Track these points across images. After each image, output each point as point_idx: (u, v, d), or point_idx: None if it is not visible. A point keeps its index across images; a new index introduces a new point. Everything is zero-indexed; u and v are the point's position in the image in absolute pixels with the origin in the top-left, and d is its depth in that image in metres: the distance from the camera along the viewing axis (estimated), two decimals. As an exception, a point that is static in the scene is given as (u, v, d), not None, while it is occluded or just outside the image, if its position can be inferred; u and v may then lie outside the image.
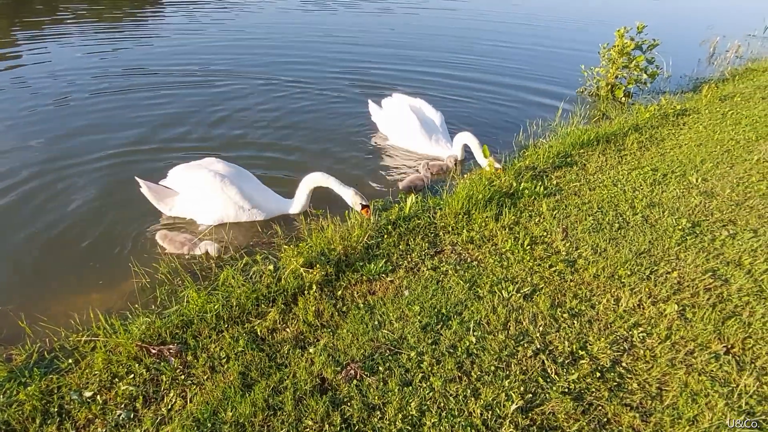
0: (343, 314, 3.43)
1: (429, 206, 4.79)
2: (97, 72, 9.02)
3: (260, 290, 3.56)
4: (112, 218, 4.84)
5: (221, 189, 4.71)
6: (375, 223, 4.45)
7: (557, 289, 3.65)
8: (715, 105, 7.86)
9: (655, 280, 3.73)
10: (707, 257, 4.00)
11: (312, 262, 3.84)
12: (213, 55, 10.39)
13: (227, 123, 7.19)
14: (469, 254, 4.10)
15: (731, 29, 13.53)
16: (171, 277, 3.90)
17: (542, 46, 12.32)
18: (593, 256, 4.01)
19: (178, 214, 4.91)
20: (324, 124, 7.34)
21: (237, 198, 4.77)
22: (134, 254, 4.25)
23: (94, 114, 7.22)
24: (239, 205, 4.82)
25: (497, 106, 8.32)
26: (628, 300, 3.51)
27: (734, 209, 4.72)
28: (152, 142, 6.48)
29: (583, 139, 6.33)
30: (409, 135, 6.64)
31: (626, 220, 4.55)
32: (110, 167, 5.81)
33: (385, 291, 3.66)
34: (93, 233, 4.62)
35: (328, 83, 8.95)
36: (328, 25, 14.13)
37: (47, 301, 3.83)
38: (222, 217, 4.86)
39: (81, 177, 5.54)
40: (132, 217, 4.87)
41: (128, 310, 3.53)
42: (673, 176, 5.39)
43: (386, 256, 4.06)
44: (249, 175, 5.04)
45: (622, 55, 8.46)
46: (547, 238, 4.30)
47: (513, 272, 3.84)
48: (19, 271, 4.18)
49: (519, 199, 4.95)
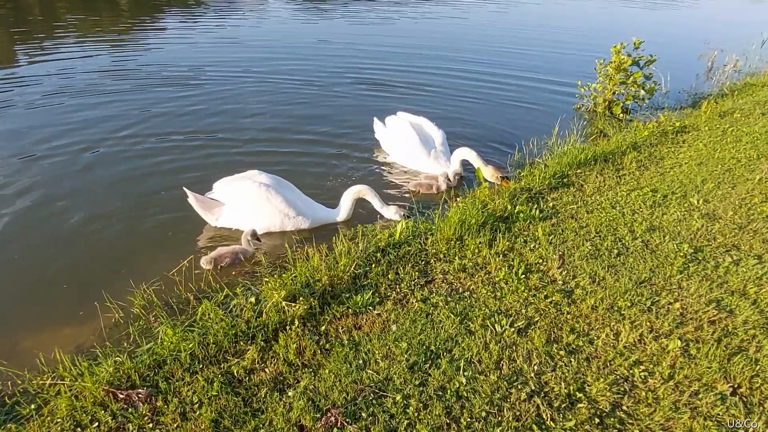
0: (326, 352, 3.24)
1: (420, 231, 4.62)
2: (110, 75, 8.94)
3: (239, 326, 3.37)
4: (87, 247, 4.66)
5: (267, 198, 4.88)
6: (364, 250, 4.27)
7: (553, 323, 3.46)
8: (714, 121, 7.71)
9: (657, 312, 3.54)
10: (711, 286, 3.80)
11: (295, 294, 3.65)
12: (220, 66, 10.34)
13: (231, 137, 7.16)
14: (461, 284, 3.91)
15: (728, 43, 13.43)
16: (146, 311, 3.71)
17: (537, 61, 12.19)
18: (591, 286, 3.83)
19: (224, 224, 5.05)
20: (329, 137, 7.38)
21: (282, 206, 4.94)
22: (108, 286, 4.03)
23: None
24: (285, 214, 4.98)
25: (491, 123, 8.17)
26: (628, 334, 3.31)
27: (737, 233, 4.53)
28: (167, 161, 6.45)
29: (580, 159, 6.16)
30: (408, 152, 6.56)
31: (626, 245, 4.37)
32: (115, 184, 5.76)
33: (372, 325, 3.47)
34: (67, 261, 4.44)
35: (338, 93, 9.00)
36: (340, 35, 14.09)
37: (16, 336, 3.64)
38: (269, 225, 5.00)
39: (76, 197, 5.42)
40: (108, 252, 4.68)
41: (100, 347, 3.33)
42: (674, 197, 5.22)
43: (374, 286, 3.88)
44: (291, 186, 5.22)
45: (619, 71, 8.33)
46: (542, 265, 4.12)
47: (507, 304, 3.65)
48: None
49: (514, 223, 4.77)
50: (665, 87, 9.64)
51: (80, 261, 4.49)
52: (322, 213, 5.26)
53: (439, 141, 6.61)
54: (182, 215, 5.16)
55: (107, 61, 11.17)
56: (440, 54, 12.65)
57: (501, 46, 13.95)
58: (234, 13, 18.33)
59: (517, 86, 10.20)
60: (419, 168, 6.54)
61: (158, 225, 5.07)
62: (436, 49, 13.32)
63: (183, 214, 5.14)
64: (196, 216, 5.03)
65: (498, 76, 10.84)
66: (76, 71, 10.12)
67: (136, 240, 4.82)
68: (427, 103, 8.90)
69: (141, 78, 9.85)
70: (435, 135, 6.65)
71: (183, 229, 5.03)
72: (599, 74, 8.67)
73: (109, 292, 3.84)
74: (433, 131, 6.69)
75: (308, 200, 5.26)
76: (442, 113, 8.26)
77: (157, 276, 4.19)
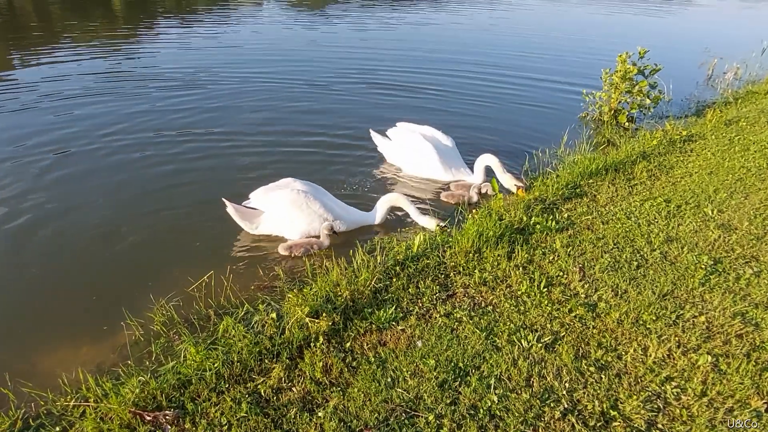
0: (353, 370, 3.20)
1: (438, 244, 4.59)
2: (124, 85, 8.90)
3: (263, 343, 3.32)
4: (106, 260, 4.62)
5: (306, 204, 5.06)
6: (382, 263, 4.24)
7: (580, 338, 3.43)
8: (720, 130, 7.75)
9: (683, 325, 3.52)
10: (734, 299, 3.79)
11: (318, 310, 3.61)
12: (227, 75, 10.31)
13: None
14: (482, 298, 3.88)
15: (728, 50, 13.55)
16: (167, 328, 3.66)
17: (538, 71, 12.18)
18: (614, 299, 3.80)
19: (264, 231, 5.23)
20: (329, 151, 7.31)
21: (321, 211, 5.11)
22: (127, 302, 3.98)
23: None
24: (324, 218, 5.13)
25: (497, 131, 8.17)
26: (656, 349, 3.29)
27: (755, 244, 4.53)
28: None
29: (591, 169, 6.16)
30: (427, 164, 6.59)
31: (644, 257, 4.36)
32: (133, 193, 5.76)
33: (397, 342, 3.43)
34: (84, 275, 4.38)
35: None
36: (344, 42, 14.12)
37: (34, 355, 3.58)
38: (309, 230, 5.14)
39: (93, 207, 5.41)
40: (126, 265, 4.63)
41: (121, 367, 3.27)
42: (688, 208, 5.22)
43: (395, 301, 3.84)
44: (325, 191, 5.41)
45: (624, 80, 8.36)
46: (563, 278, 4.09)
47: (531, 318, 3.62)
48: (4, 318, 3.92)
49: (531, 235, 4.75)
50: (668, 95, 9.69)
51: (98, 275, 4.45)
52: (358, 216, 5.46)
53: (453, 151, 6.65)
54: (207, 225, 5.25)
55: (109, 66, 11.29)
56: (442, 60, 12.69)
57: (502, 52, 14.01)
58: (230, 20, 18.33)
59: (520, 93, 10.24)
60: (440, 178, 6.60)
61: (179, 236, 5.07)
62: (437, 54, 13.40)
63: (207, 224, 5.24)
64: (217, 228, 5.13)
65: (501, 84, 10.89)
66: (81, 78, 10.21)
67: (154, 252, 4.79)
68: (430, 111, 8.90)
69: (152, 85, 9.96)
70: (447, 142, 6.69)
71: (204, 240, 5.03)
72: (605, 83, 8.70)
73: (129, 308, 3.78)
74: (443, 139, 6.73)
75: (343, 204, 5.46)
76: (441, 120, 8.16)
77: (175, 290, 4.13)
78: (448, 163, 6.57)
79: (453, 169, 6.58)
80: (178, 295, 4.05)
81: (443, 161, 6.52)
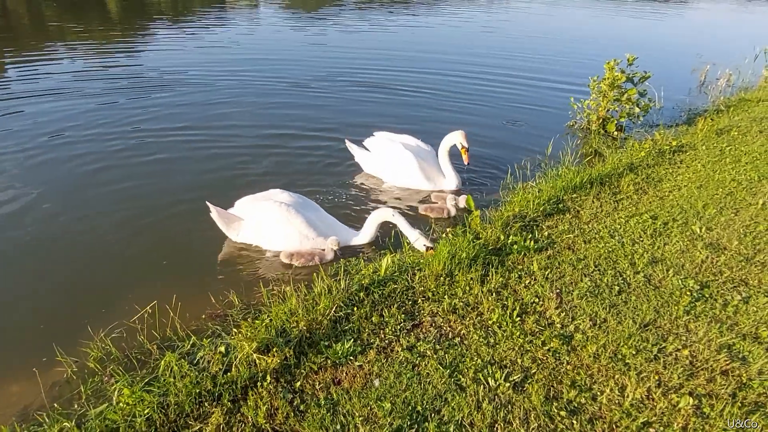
0: (301, 414, 2.90)
1: (407, 267, 4.30)
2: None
3: (204, 384, 3.03)
4: (44, 294, 4.32)
5: (287, 219, 4.87)
6: (346, 289, 3.95)
7: (552, 375, 3.15)
8: (711, 140, 7.49)
9: (664, 360, 3.24)
10: (720, 329, 3.51)
11: (269, 344, 3.32)
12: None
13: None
14: (450, 328, 3.60)
15: (720, 56, 13.34)
16: (102, 364, 3.36)
17: (525, 78, 11.84)
18: (592, 330, 3.52)
19: (245, 240, 5.09)
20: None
21: (302, 227, 4.91)
22: (64, 335, 3.66)
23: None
24: (304, 234, 4.92)
25: (482, 141, 7.89)
26: (634, 389, 3.01)
27: (744, 266, 4.26)
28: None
29: (575, 182, 5.89)
30: (408, 174, 6.43)
31: (627, 281, 4.08)
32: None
33: (353, 380, 3.14)
34: (17, 304, 4.08)
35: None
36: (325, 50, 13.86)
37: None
38: (287, 245, 4.96)
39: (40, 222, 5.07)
40: (78, 287, 4.35)
41: (48, 411, 2.98)
42: (675, 225, 4.95)
43: (356, 332, 3.55)
44: (315, 205, 5.24)
45: (612, 88, 8.10)
46: (539, 305, 3.81)
47: (501, 352, 3.34)
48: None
49: (507, 256, 4.47)
50: (659, 103, 9.43)
51: (43, 299, 4.14)
52: (345, 235, 5.15)
53: (433, 159, 6.49)
54: (173, 241, 5.06)
55: (97, 67, 11.30)
56: (429, 65, 12.45)
57: (489, 58, 13.74)
58: (227, 23, 18.08)
59: (506, 99, 10.00)
60: (420, 188, 6.45)
61: (142, 254, 4.82)
62: (424, 57, 13.23)
63: (174, 239, 5.07)
64: (184, 243, 5.00)
65: (489, 89, 10.68)
66: (67, 78, 10.16)
67: (109, 273, 4.50)
68: (410, 118, 8.67)
69: (125, 87, 9.78)
70: (427, 152, 6.54)
71: (171, 256, 4.80)
72: (593, 91, 8.44)
73: (72, 339, 3.49)
74: (424, 148, 6.57)
75: (332, 221, 5.21)
76: (421, 129, 7.87)
77: (123, 318, 3.83)
78: (429, 173, 6.42)
79: (434, 178, 6.44)
80: (121, 326, 3.74)
81: (424, 171, 6.37)
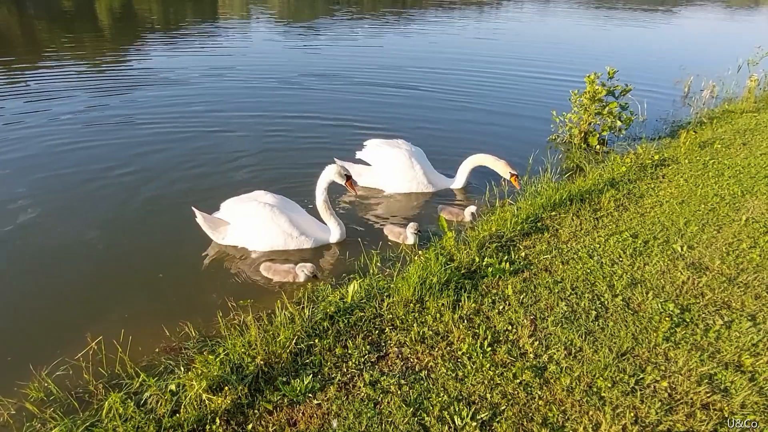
0: (250, 462, 2.68)
1: (376, 292, 4.10)
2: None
3: (147, 429, 2.80)
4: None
5: (272, 218, 4.98)
6: (310, 318, 3.74)
7: (522, 412, 2.95)
8: (694, 153, 7.38)
9: (642, 394, 3.05)
10: (701, 357, 3.34)
11: (221, 381, 3.10)
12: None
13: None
14: (417, 359, 3.39)
15: (704, 67, 13.30)
16: (42, 406, 3.12)
17: (507, 93, 11.61)
18: (566, 360, 3.33)
19: (230, 242, 5.15)
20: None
21: (286, 226, 5.04)
22: (19, 367, 3.44)
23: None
24: (288, 233, 5.07)
25: (462, 155, 7.72)
26: (609, 427, 2.81)
27: (727, 287, 4.10)
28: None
29: (555, 199, 5.73)
30: (413, 177, 6.50)
31: (605, 305, 3.90)
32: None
33: (309, 421, 2.93)
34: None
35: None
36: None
37: None
38: (272, 244, 5.09)
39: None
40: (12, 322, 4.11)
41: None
42: (656, 243, 4.79)
43: (317, 365, 3.34)
44: (296, 206, 5.34)
45: (594, 101, 7.99)
46: (512, 333, 3.62)
47: (469, 387, 3.14)
48: None
49: (481, 279, 4.28)
50: (642, 115, 9.34)
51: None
52: (323, 233, 5.31)
53: (425, 159, 6.71)
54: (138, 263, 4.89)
55: (91, 81, 11.08)
56: (411, 78, 12.34)
57: (467, 71, 13.61)
58: (218, 34, 17.94)
59: (486, 114, 9.85)
60: (423, 190, 6.59)
61: (80, 283, 4.57)
62: (406, 70, 13.11)
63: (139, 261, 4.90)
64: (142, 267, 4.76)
65: (471, 101, 10.54)
66: (59, 93, 9.96)
67: (43, 307, 4.25)
68: (388, 131, 8.48)
69: (114, 95, 9.76)
70: (422, 154, 6.71)
71: (106, 291, 4.52)
72: (574, 105, 8.33)
73: (4, 381, 3.25)
74: (418, 149, 6.71)
75: (313, 220, 5.33)
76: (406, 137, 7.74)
77: (62, 356, 3.57)
78: (430, 174, 6.62)
79: (436, 179, 6.67)
80: (66, 363, 3.49)
81: (427, 175, 6.56)
